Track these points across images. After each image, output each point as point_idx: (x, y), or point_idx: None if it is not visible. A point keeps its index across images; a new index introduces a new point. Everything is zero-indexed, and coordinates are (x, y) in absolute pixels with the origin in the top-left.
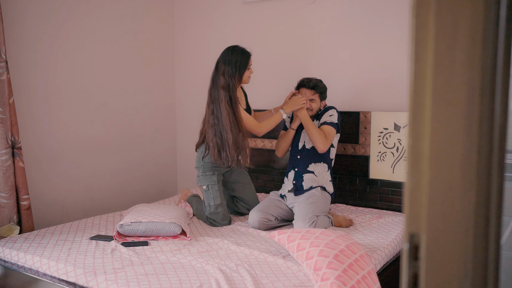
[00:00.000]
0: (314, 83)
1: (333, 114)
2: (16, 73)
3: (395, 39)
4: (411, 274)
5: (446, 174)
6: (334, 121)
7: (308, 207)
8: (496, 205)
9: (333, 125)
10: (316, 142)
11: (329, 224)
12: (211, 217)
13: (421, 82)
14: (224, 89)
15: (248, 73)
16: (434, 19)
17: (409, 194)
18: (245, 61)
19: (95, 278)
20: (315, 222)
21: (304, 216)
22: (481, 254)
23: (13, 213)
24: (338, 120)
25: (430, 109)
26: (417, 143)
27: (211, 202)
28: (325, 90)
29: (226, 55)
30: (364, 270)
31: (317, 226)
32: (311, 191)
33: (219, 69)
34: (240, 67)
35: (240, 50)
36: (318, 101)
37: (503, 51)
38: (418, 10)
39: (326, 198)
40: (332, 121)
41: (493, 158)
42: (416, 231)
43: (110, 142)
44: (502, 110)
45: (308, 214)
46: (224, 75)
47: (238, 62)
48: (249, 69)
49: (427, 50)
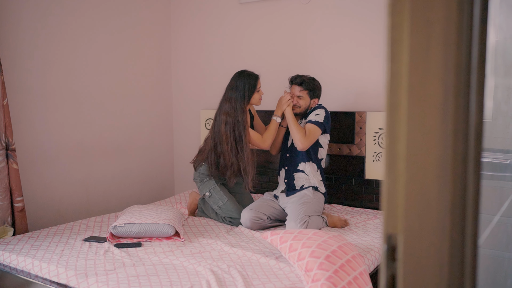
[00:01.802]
0: (301, 80)
1: (319, 114)
2: (10, 74)
3: None
4: (389, 275)
5: (422, 174)
6: (320, 120)
7: (300, 208)
8: (472, 205)
9: (317, 124)
10: (294, 139)
11: (323, 225)
12: (227, 217)
13: (397, 81)
14: (227, 115)
15: (258, 96)
16: (408, 18)
17: (387, 194)
18: (253, 84)
19: (86, 279)
20: (307, 222)
21: (296, 216)
22: (458, 254)
23: (7, 215)
24: (326, 120)
25: (406, 108)
26: (394, 143)
27: (219, 204)
28: (315, 88)
29: (234, 80)
30: (356, 271)
31: (310, 227)
32: (303, 191)
33: (226, 95)
34: (249, 91)
35: (247, 74)
36: (307, 98)
37: (478, 50)
38: (393, 9)
39: (319, 198)
40: (317, 120)
41: (469, 158)
42: (393, 232)
43: (106, 144)
44: (477, 109)
45: (299, 214)
46: (231, 101)
47: (246, 86)
48: (259, 91)
49: (402, 49)
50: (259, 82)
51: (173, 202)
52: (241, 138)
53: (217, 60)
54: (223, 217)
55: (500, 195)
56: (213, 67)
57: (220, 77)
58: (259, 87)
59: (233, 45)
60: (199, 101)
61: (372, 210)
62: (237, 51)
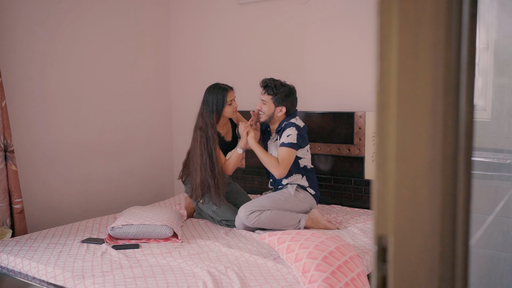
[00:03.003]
0: (265, 83)
1: (291, 134)
2: (9, 76)
3: None
4: (380, 276)
5: (412, 174)
6: (293, 141)
7: (264, 199)
8: (463, 205)
9: (290, 146)
10: (269, 170)
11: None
12: (223, 220)
13: (386, 80)
14: (201, 129)
15: (230, 109)
16: (397, 17)
17: (377, 195)
18: (221, 99)
19: (83, 281)
20: (260, 214)
21: (250, 205)
22: (448, 255)
23: (6, 217)
24: (299, 138)
25: (396, 108)
26: (384, 143)
27: (213, 208)
28: (281, 93)
29: (205, 95)
30: (354, 272)
31: (265, 221)
32: (286, 189)
33: (200, 109)
34: (217, 106)
35: (217, 88)
36: (271, 104)
37: (467, 48)
38: (381, 7)
39: (301, 198)
40: (290, 142)
41: (459, 157)
42: (384, 233)
43: (105, 145)
44: (467, 108)
45: (255, 204)
46: (203, 116)
47: (215, 101)
48: (231, 104)
49: (391, 48)
50: (229, 95)
51: (172, 203)
52: (212, 153)
53: (216, 60)
54: (219, 221)
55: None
56: (212, 67)
57: (219, 77)
58: (230, 100)
59: (231, 45)
60: (198, 102)
61: (371, 210)
62: (236, 51)
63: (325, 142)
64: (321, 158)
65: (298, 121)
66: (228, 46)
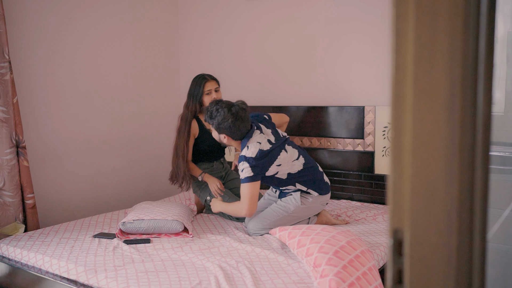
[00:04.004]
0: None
1: (243, 168)
2: (20, 73)
3: None
4: (396, 270)
5: (429, 167)
6: (249, 175)
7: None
8: (480, 199)
9: (249, 180)
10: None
11: None
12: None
13: (402, 73)
14: (182, 119)
15: (207, 99)
16: (413, 8)
17: (393, 188)
18: (198, 89)
19: (96, 275)
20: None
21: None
22: (466, 249)
23: (19, 212)
24: (254, 168)
25: (412, 100)
26: (399, 136)
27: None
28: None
29: (190, 85)
30: (365, 267)
31: None
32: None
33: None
34: (196, 95)
35: (197, 78)
36: (215, 132)
37: (485, 40)
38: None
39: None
40: (246, 177)
41: (476, 151)
42: (399, 227)
43: (115, 141)
44: (485, 101)
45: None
46: (186, 106)
47: (195, 91)
48: (208, 94)
49: (407, 40)
50: (207, 85)
51: (182, 198)
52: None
53: (225, 56)
54: (228, 216)
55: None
56: (220, 62)
57: (228, 72)
58: (208, 90)
59: (240, 41)
60: None
61: (381, 205)
62: (245, 47)
63: (335, 137)
64: (330, 153)
65: (251, 147)
66: (237, 42)
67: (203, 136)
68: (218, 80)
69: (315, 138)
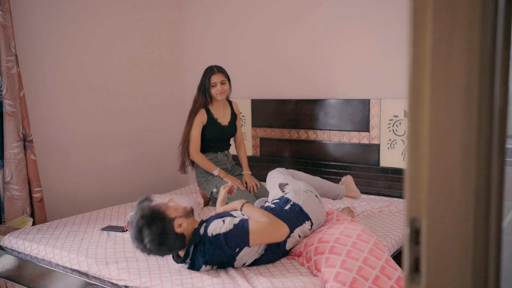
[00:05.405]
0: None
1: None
2: (26, 66)
3: (404, 26)
4: (413, 258)
5: (446, 158)
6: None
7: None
8: (497, 189)
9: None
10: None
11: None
12: None
13: (419, 65)
14: (190, 110)
15: (214, 91)
16: (431, 1)
17: (410, 178)
18: (205, 80)
19: (107, 267)
20: None
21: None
22: (482, 239)
23: (26, 205)
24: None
25: (429, 92)
26: (417, 127)
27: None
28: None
29: None
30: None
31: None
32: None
33: None
34: (201, 87)
35: (206, 69)
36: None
37: (503, 32)
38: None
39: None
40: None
41: (493, 142)
42: (417, 216)
43: (121, 134)
44: (502, 92)
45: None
46: (196, 97)
47: (203, 82)
48: (215, 86)
49: (425, 33)
50: (212, 77)
51: (188, 191)
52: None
53: (229, 49)
54: None
55: None
56: (224, 56)
57: (233, 67)
58: (213, 82)
59: (246, 35)
60: None
61: (387, 197)
62: (252, 42)
63: (340, 130)
64: (336, 146)
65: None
66: (241, 36)
67: (210, 124)
68: (227, 73)
69: (320, 131)
